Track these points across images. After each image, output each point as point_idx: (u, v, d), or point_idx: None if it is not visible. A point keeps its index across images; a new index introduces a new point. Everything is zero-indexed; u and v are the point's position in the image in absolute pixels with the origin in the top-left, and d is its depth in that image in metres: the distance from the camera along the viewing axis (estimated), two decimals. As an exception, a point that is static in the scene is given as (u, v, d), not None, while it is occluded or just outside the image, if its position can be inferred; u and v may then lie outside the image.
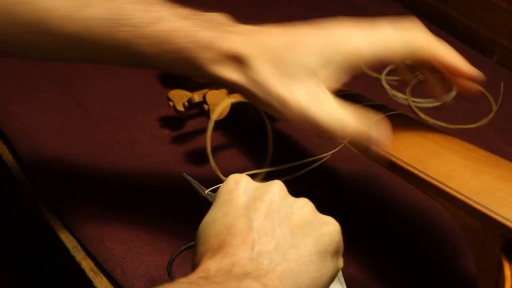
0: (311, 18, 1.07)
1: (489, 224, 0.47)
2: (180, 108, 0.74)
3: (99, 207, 0.68)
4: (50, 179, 0.71)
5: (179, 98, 0.74)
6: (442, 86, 0.55)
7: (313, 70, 0.50)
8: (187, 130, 0.78)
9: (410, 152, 0.54)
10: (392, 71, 0.92)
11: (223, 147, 0.75)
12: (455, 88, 0.54)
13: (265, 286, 0.40)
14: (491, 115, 0.85)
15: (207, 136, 0.61)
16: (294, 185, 0.54)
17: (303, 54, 0.51)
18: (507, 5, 0.93)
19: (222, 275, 0.41)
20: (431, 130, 0.57)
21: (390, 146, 0.52)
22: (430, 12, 1.05)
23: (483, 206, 0.48)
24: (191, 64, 0.51)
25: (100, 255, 0.64)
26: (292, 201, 0.46)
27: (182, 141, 0.77)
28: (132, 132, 0.78)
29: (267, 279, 0.41)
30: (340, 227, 0.47)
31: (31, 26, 0.52)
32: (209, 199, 0.53)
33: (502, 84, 0.90)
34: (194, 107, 0.73)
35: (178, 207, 0.68)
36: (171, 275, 0.62)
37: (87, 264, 0.64)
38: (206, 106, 0.71)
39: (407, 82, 0.57)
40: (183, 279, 0.41)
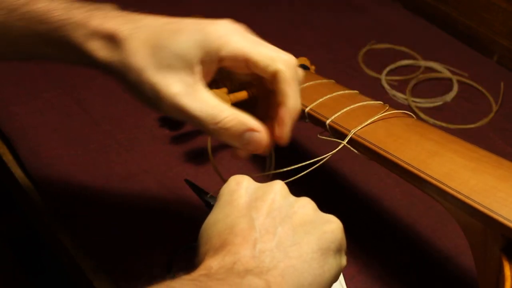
0: (311, 18, 1.07)
1: (489, 224, 0.47)
2: (180, 108, 0.73)
3: (98, 207, 0.68)
4: (50, 179, 0.71)
5: (179, 98, 0.74)
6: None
7: (191, 61, 0.49)
8: (187, 130, 0.78)
9: (410, 152, 0.54)
10: (392, 71, 0.93)
11: (224, 147, 0.75)
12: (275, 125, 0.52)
13: (267, 283, 0.40)
14: (491, 115, 0.85)
15: (209, 136, 0.61)
16: (294, 185, 0.54)
17: (183, 43, 0.49)
18: (507, 5, 0.93)
19: (224, 272, 0.41)
20: (431, 130, 0.57)
21: (263, 149, 0.50)
22: (430, 12, 1.05)
23: (483, 206, 0.48)
24: (68, 45, 0.50)
25: (100, 255, 0.64)
26: (293, 200, 0.46)
27: (182, 141, 0.77)
28: (132, 132, 0.78)
29: (269, 275, 0.41)
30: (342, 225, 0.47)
31: None
32: (211, 203, 0.53)
33: (502, 84, 0.90)
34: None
35: (178, 207, 0.68)
36: (172, 275, 0.62)
37: (87, 264, 0.64)
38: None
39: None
40: (185, 276, 0.41)
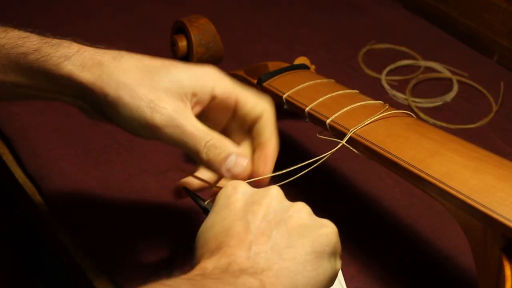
0: (311, 18, 1.07)
1: (489, 224, 0.47)
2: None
3: (98, 207, 0.68)
4: (50, 179, 0.71)
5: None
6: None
7: (186, 90, 0.51)
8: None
9: (410, 151, 0.54)
10: (392, 71, 0.93)
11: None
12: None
13: (261, 282, 0.40)
14: (491, 115, 0.85)
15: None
16: (294, 185, 0.54)
17: (179, 74, 0.51)
18: (507, 5, 0.93)
19: (219, 273, 0.41)
20: (431, 129, 0.57)
21: (244, 176, 0.51)
22: (430, 12, 1.05)
23: (483, 206, 0.48)
24: (39, 70, 0.51)
25: (100, 255, 0.64)
26: (289, 204, 0.46)
27: (182, 141, 0.77)
28: (132, 132, 0.78)
29: (263, 276, 0.41)
30: (337, 229, 0.47)
31: None
32: (208, 209, 0.53)
33: (502, 84, 0.90)
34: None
35: (178, 207, 0.68)
36: (171, 275, 0.62)
37: (87, 264, 0.64)
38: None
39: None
40: (180, 276, 0.41)
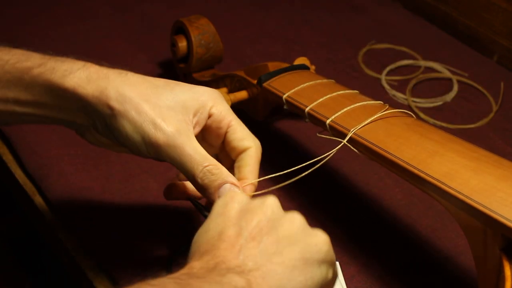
0: (311, 18, 1.07)
1: (489, 224, 0.47)
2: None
3: (99, 207, 0.68)
4: (50, 179, 0.71)
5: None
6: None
7: (189, 110, 0.52)
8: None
9: (410, 151, 0.54)
10: (392, 71, 0.93)
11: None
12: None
13: (248, 282, 0.41)
14: (491, 115, 0.85)
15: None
16: (295, 185, 0.54)
17: (182, 93, 0.52)
18: (507, 5, 0.93)
19: (205, 272, 0.41)
20: (432, 130, 0.57)
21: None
22: (430, 12, 1.05)
23: (483, 206, 0.48)
24: (41, 84, 0.51)
25: (100, 255, 0.64)
26: (283, 214, 0.46)
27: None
28: (132, 132, 0.77)
29: (250, 275, 0.41)
30: (335, 233, 0.47)
31: None
32: None
33: (502, 84, 0.90)
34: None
35: (178, 208, 0.68)
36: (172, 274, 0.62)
37: (87, 264, 0.64)
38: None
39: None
40: (166, 275, 0.41)
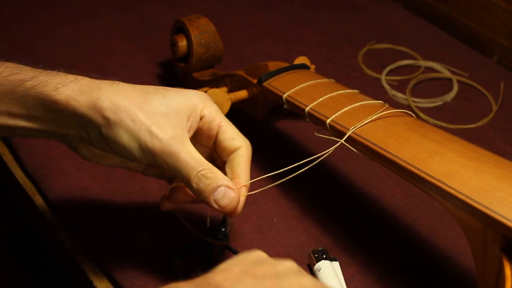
0: (311, 18, 1.07)
1: (490, 224, 0.47)
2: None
3: (99, 207, 0.68)
4: (50, 179, 0.71)
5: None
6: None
7: (182, 115, 0.52)
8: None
9: (410, 151, 0.54)
10: (392, 71, 0.93)
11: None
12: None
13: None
14: (491, 115, 0.85)
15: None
16: (295, 185, 0.54)
17: (175, 99, 0.53)
18: (507, 5, 0.93)
19: (194, 285, 0.43)
20: (432, 130, 0.57)
21: (232, 208, 0.52)
22: (430, 12, 1.05)
23: (484, 206, 0.48)
24: (33, 97, 0.52)
25: (100, 255, 0.64)
26: (297, 278, 0.46)
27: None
28: (132, 132, 0.77)
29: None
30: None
31: None
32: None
33: (502, 84, 0.90)
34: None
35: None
36: (174, 274, 0.62)
37: (87, 264, 0.64)
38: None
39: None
40: None
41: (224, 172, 0.54)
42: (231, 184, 0.52)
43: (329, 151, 0.57)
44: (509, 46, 0.95)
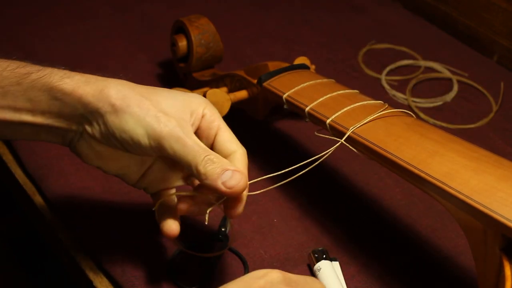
0: (311, 18, 1.07)
1: (489, 224, 0.47)
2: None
3: (99, 206, 0.68)
4: (50, 179, 0.71)
5: (179, 97, 0.74)
6: None
7: (186, 110, 0.53)
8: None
9: (410, 151, 0.54)
10: (392, 71, 0.93)
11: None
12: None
13: None
14: (491, 115, 0.85)
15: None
16: (295, 185, 0.54)
17: (179, 95, 0.54)
18: (507, 5, 0.93)
19: None
20: (432, 130, 0.57)
21: (240, 190, 0.51)
22: (430, 12, 1.05)
23: (484, 206, 0.48)
24: (47, 85, 0.52)
25: (100, 255, 0.64)
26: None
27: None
28: (132, 132, 0.77)
29: None
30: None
31: None
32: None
33: (502, 84, 0.90)
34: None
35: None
36: (172, 274, 0.62)
37: (87, 264, 0.64)
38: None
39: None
40: None
41: None
42: (237, 169, 0.52)
43: (329, 151, 0.57)
44: (509, 46, 0.95)
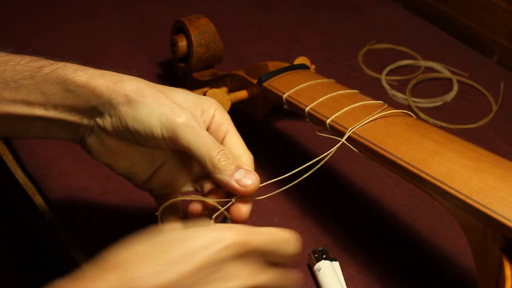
0: (311, 18, 1.07)
1: (489, 224, 0.47)
2: (180, 107, 0.73)
3: (99, 206, 0.68)
4: (50, 179, 0.71)
5: (179, 97, 0.74)
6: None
7: (197, 108, 0.53)
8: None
9: (410, 151, 0.54)
10: (392, 71, 0.93)
11: (223, 147, 0.75)
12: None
13: None
14: (491, 115, 0.85)
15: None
16: (295, 186, 0.54)
17: (189, 94, 0.54)
18: (507, 5, 0.93)
19: None
20: (432, 130, 0.57)
21: (252, 190, 0.51)
22: (430, 12, 1.05)
23: (483, 206, 0.48)
24: (60, 78, 0.52)
25: (100, 255, 0.64)
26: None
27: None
28: (132, 132, 0.77)
29: None
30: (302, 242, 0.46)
31: None
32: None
33: (502, 84, 0.90)
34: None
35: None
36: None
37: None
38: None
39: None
40: None
41: None
42: (250, 168, 0.52)
43: (331, 152, 0.57)
44: (509, 46, 0.95)
